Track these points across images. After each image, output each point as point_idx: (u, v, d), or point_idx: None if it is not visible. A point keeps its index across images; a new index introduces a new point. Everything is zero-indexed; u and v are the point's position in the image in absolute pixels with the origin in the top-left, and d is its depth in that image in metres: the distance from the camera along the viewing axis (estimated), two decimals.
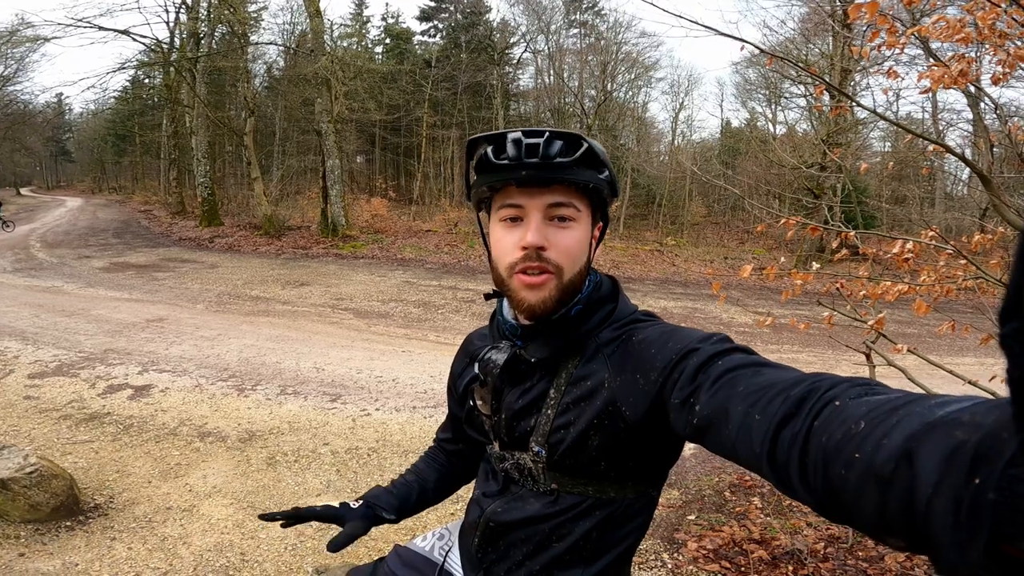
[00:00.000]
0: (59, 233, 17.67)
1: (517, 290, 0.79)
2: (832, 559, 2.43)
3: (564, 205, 0.78)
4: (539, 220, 0.77)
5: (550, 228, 0.78)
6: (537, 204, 0.77)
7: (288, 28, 24.50)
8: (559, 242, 0.78)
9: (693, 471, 3.61)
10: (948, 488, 0.33)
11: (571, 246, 0.79)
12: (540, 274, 0.78)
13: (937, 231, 2.39)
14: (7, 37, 18.53)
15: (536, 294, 0.78)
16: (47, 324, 6.68)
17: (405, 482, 1.13)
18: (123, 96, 31.92)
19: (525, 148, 0.75)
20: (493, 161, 0.77)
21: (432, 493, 1.14)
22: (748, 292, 12.00)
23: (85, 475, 3.25)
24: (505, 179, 0.77)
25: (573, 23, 27.87)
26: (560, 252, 0.78)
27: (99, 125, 40.12)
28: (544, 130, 0.78)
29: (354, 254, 14.69)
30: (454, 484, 1.17)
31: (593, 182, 0.78)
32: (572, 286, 0.80)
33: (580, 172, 0.77)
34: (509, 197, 0.79)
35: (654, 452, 0.81)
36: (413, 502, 1.11)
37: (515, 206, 0.79)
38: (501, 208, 0.80)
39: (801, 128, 21.69)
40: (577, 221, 0.79)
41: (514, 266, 0.79)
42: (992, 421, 0.33)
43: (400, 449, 3.82)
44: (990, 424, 0.33)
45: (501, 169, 0.77)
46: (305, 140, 24.11)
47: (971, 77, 2.14)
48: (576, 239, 0.79)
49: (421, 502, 1.13)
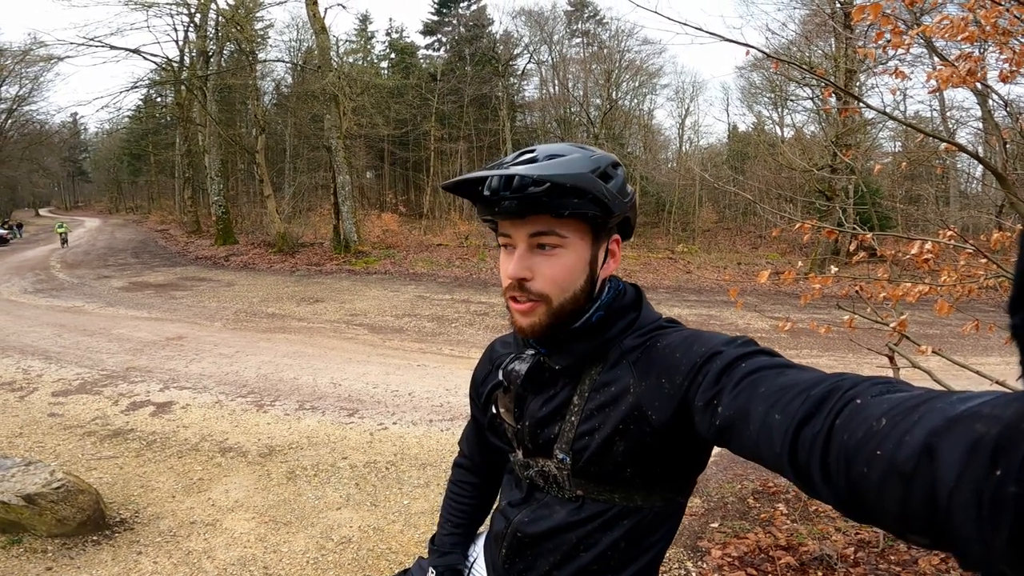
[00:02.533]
0: (79, 253, 18.02)
1: (512, 313, 0.82)
2: (863, 563, 2.39)
3: (545, 233, 0.78)
4: (523, 250, 0.79)
5: (536, 257, 0.79)
6: (520, 234, 0.78)
7: (295, 45, 25.02)
8: (543, 271, 0.78)
9: (715, 478, 3.58)
10: (969, 481, 0.33)
11: (555, 274, 0.78)
12: (527, 302, 0.79)
13: (955, 230, 2.37)
14: (21, 56, 19.01)
15: (526, 319, 0.80)
16: (69, 343, 6.80)
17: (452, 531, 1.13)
18: (136, 115, 32.60)
19: (503, 180, 0.75)
20: (481, 192, 0.78)
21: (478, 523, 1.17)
22: (764, 297, 11.90)
23: (110, 490, 3.29)
24: (489, 213, 0.79)
25: (575, 33, 28.10)
26: (544, 281, 0.78)
27: (114, 144, 40.98)
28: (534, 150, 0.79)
29: (367, 269, 14.81)
30: (487, 508, 1.18)
31: (575, 208, 0.75)
32: (565, 309, 0.80)
33: (556, 201, 0.74)
34: (502, 226, 0.81)
35: (681, 458, 0.80)
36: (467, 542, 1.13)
37: (505, 235, 0.81)
38: (499, 236, 0.82)
39: (809, 130, 21.59)
40: (564, 247, 0.78)
41: (506, 291, 0.82)
42: (1012, 413, 0.33)
43: (418, 462, 3.82)
44: (1010, 416, 0.33)
45: (485, 201, 0.78)
46: (315, 156, 24.42)
47: (979, 75, 2.14)
48: (563, 265, 0.79)
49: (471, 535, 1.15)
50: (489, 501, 1.18)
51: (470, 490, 1.15)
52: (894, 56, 9.65)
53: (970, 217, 14.23)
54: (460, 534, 1.13)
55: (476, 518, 1.16)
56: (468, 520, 1.14)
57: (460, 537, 1.12)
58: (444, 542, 1.11)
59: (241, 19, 16.75)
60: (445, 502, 1.18)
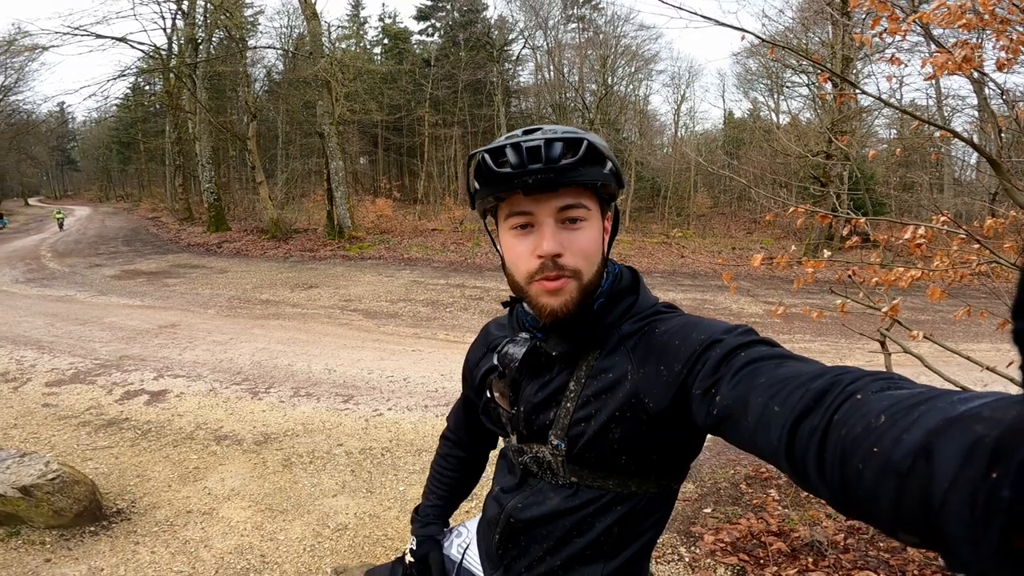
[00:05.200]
0: (69, 242, 17.85)
1: (537, 296, 0.78)
2: (853, 550, 2.43)
3: (574, 207, 0.76)
4: (552, 226, 0.76)
5: (563, 232, 0.77)
6: (547, 210, 0.76)
7: (286, 31, 24.67)
8: (573, 245, 0.77)
9: (708, 464, 3.61)
10: (965, 483, 0.32)
11: (586, 247, 0.78)
12: (559, 279, 0.77)
13: (949, 216, 2.37)
14: (5, 47, 18.66)
15: (558, 298, 0.77)
16: (62, 333, 6.76)
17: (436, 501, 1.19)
18: (125, 103, 32.15)
19: (527, 153, 0.73)
20: (495, 170, 0.75)
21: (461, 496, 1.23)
22: (758, 282, 11.95)
23: (106, 480, 3.29)
24: (510, 189, 0.75)
25: (571, 18, 27.79)
26: (576, 255, 0.77)
27: (103, 133, 40.46)
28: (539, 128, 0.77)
29: (361, 255, 14.75)
30: (473, 478, 1.24)
31: (600, 179, 0.77)
32: (592, 285, 0.79)
33: (586, 171, 0.75)
34: (516, 205, 0.77)
35: (676, 445, 0.80)
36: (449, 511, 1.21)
37: (524, 213, 0.77)
38: (510, 216, 0.78)
39: (805, 117, 21.54)
40: (588, 220, 0.78)
41: (532, 275, 0.78)
42: (1012, 417, 0.32)
43: (413, 448, 3.84)
44: (1010, 420, 0.32)
45: (504, 179, 0.75)
46: (308, 143, 24.20)
47: (975, 63, 2.12)
48: (590, 239, 0.78)
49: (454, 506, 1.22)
50: (473, 476, 1.23)
51: (455, 463, 1.20)
52: (892, 43, 9.61)
53: (964, 204, 14.29)
54: (442, 505, 1.19)
55: (459, 490, 1.22)
56: (450, 492, 1.20)
57: (441, 508, 1.19)
58: (427, 513, 1.17)
59: (230, 6, 16.45)
60: (430, 474, 1.23)
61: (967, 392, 0.41)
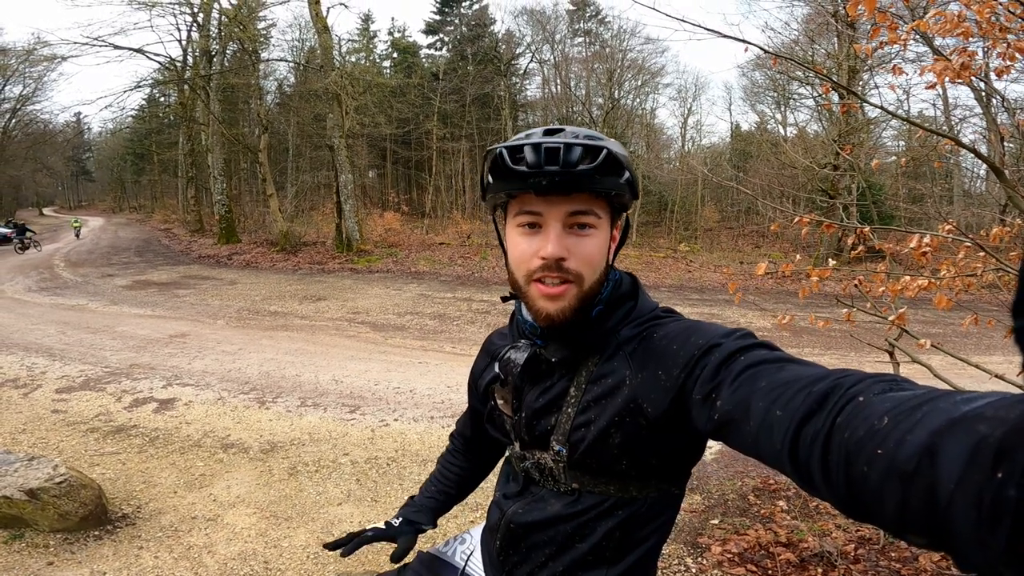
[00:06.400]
0: (82, 252, 18.09)
1: (535, 298, 0.78)
2: (863, 560, 2.39)
3: (585, 213, 0.75)
4: (559, 229, 0.75)
5: (570, 236, 0.76)
6: (557, 213, 0.75)
7: (297, 44, 25.09)
8: (579, 251, 0.76)
9: (715, 475, 3.58)
10: (971, 483, 0.32)
11: (591, 254, 0.77)
12: (560, 284, 0.76)
13: (954, 224, 2.37)
14: (24, 56, 19.12)
15: (555, 304, 0.77)
16: (73, 340, 6.83)
17: (433, 494, 1.20)
18: (140, 115, 32.74)
19: (545, 154, 0.72)
20: (511, 167, 0.74)
21: (456, 496, 1.22)
22: (765, 296, 11.88)
23: (113, 485, 3.31)
24: (523, 187, 0.74)
25: (577, 32, 28.09)
26: (580, 261, 0.76)
27: (117, 144, 41.14)
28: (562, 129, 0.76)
29: (369, 268, 14.83)
30: (474, 480, 1.23)
31: (615, 188, 0.76)
32: (592, 292, 0.79)
33: (602, 179, 0.74)
34: (527, 204, 0.76)
35: (677, 449, 0.80)
36: (441, 509, 1.20)
37: (533, 213, 0.76)
38: (519, 214, 0.78)
39: (811, 129, 21.54)
40: (597, 228, 0.77)
41: (532, 274, 0.77)
42: (1016, 416, 0.32)
43: (419, 459, 3.83)
44: (1014, 419, 0.32)
45: (518, 176, 0.74)
46: (318, 156, 24.50)
47: (975, 71, 2.13)
48: (596, 246, 0.77)
49: (448, 506, 1.21)
50: (474, 479, 1.23)
51: (459, 461, 1.21)
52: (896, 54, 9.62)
53: (973, 215, 14.18)
54: (438, 499, 1.19)
55: (459, 490, 1.21)
56: (446, 489, 1.20)
57: (435, 502, 1.19)
58: (421, 503, 1.18)
59: (244, 19, 16.79)
60: (434, 470, 1.24)
61: (969, 392, 0.40)
